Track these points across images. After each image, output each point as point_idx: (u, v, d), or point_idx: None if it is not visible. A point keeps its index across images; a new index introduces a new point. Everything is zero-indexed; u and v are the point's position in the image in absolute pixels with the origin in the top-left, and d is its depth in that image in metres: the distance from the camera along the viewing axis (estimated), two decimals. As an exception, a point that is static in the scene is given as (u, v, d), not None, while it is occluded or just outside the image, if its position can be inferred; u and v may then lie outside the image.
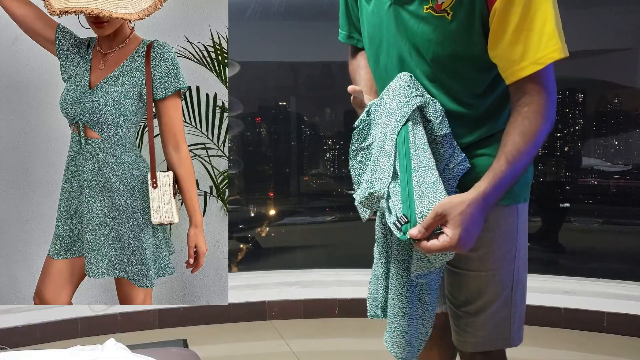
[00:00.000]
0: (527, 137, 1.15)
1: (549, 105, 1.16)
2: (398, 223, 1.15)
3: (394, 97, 1.23)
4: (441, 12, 1.18)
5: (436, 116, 1.23)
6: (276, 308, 3.40)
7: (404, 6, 1.22)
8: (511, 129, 1.16)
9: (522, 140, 1.15)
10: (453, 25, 1.17)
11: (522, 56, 1.13)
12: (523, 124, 1.15)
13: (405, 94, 1.22)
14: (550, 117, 1.16)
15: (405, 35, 1.24)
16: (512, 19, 1.12)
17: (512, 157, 1.15)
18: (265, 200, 4.44)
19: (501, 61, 1.17)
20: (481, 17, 1.16)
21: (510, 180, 1.17)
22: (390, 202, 1.18)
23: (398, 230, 1.15)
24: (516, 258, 1.33)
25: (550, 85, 1.16)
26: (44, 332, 3.08)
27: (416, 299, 1.29)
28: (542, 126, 1.15)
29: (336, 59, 4.03)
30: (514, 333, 1.36)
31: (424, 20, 1.20)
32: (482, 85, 1.25)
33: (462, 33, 1.18)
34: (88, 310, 3.13)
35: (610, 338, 3.00)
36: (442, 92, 1.26)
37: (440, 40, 1.20)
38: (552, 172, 4.06)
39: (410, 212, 1.15)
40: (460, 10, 1.16)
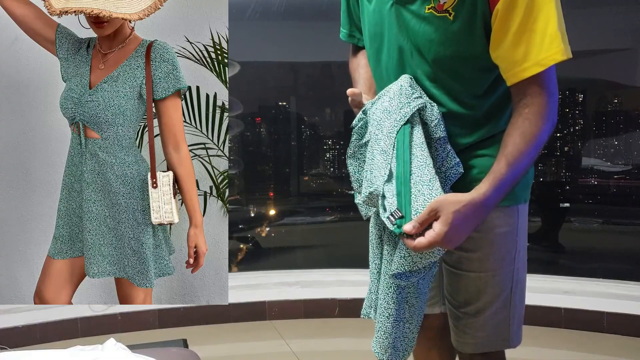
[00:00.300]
0: (528, 139, 1.14)
1: (550, 106, 1.15)
2: (392, 217, 1.15)
3: (394, 97, 1.23)
4: (443, 12, 1.18)
5: (432, 119, 1.23)
6: (276, 308, 3.40)
7: (405, 6, 1.22)
8: (512, 130, 1.16)
9: (522, 142, 1.15)
10: (455, 25, 1.17)
11: (524, 57, 1.13)
12: (524, 125, 1.15)
13: (407, 94, 1.22)
14: (552, 118, 1.16)
15: (406, 35, 1.24)
16: (514, 19, 1.11)
17: (513, 158, 1.15)
18: (265, 200, 4.44)
19: (503, 62, 1.17)
20: (483, 18, 1.15)
21: (510, 182, 1.16)
22: (386, 201, 1.18)
23: (391, 224, 1.15)
24: (516, 259, 1.33)
25: (552, 87, 1.16)
26: (44, 332, 3.08)
27: (404, 302, 1.28)
28: (542, 127, 1.15)
29: (336, 59, 4.03)
30: (513, 334, 1.36)
31: (426, 20, 1.20)
32: (483, 85, 1.25)
33: (463, 33, 1.18)
34: (88, 310, 3.13)
35: (610, 338, 3.00)
36: (443, 93, 1.26)
37: (442, 40, 1.19)
38: (552, 172, 4.06)
39: (406, 209, 1.15)
40: (462, 10, 1.16)
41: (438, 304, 1.48)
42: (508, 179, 1.16)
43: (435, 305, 1.48)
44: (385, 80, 1.32)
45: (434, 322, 1.50)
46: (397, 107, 1.22)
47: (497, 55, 1.17)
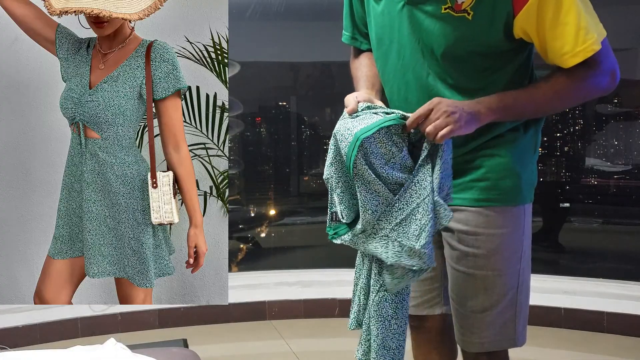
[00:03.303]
0: (557, 88, 1.21)
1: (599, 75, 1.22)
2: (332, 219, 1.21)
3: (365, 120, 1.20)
4: (461, 12, 1.17)
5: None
6: (276, 308, 3.40)
7: (418, 6, 1.21)
8: (546, 77, 1.22)
9: (550, 89, 1.21)
10: (473, 25, 1.17)
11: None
12: (559, 80, 1.21)
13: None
14: (594, 85, 1.23)
15: (419, 36, 1.23)
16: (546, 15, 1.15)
17: (531, 96, 1.21)
18: (265, 200, 4.44)
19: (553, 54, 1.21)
20: (506, 17, 1.16)
21: (518, 110, 1.22)
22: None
23: (329, 226, 1.21)
24: (522, 258, 1.33)
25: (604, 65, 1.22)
26: (44, 332, 3.08)
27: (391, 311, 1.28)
28: (577, 85, 1.21)
29: (336, 59, 4.03)
30: (519, 333, 1.37)
31: (442, 20, 1.19)
32: (497, 84, 1.25)
33: (482, 33, 1.18)
34: (88, 310, 3.13)
35: (610, 338, 3.00)
36: (455, 93, 1.25)
37: (459, 40, 1.19)
38: (552, 172, 4.06)
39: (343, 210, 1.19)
40: (481, 10, 1.16)
41: (439, 305, 1.48)
42: (518, 106, 1.21)
43: (435, 306, 1.48)
44: (393, 83, 1.31)
45: (434, 324, 1.50)
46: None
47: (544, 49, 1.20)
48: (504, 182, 1.29)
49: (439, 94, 1.24)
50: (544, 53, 1.22)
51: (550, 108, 1.28)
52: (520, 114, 1.25)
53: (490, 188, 1.29)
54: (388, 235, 1.18)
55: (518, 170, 1.30)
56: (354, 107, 1.22)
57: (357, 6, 1.44)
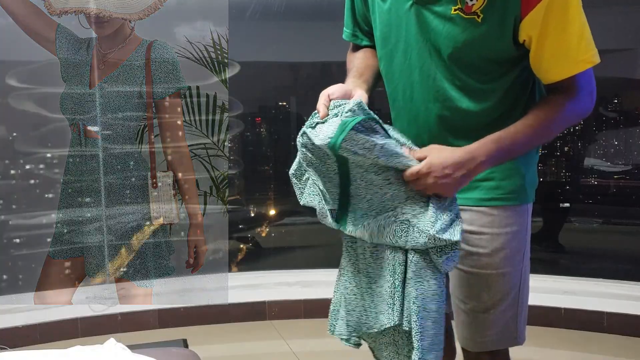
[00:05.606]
0: (542, 120, 1.19)
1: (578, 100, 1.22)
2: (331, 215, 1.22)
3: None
4: (471, 14, 1.16)
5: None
6: (276, 308, 3.40)
7: (427, 6, 1.20)
8: (533, 108, 1.20)
9: (536, 122, 1.19)
10: (483, 27, 1.16)
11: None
12: (543, 109, 1.20)
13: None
14: (574, 110, 1.23)
15: (427, 36, 1.22)
16: (550, 23, 1.14)
17: (524, 134, 1.18)
18: (265, 200, 4.44)
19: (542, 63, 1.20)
20: (514, 21, 1.15)
21: (519, 145, 1.20)
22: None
23: (331, 217, 1.21)
24: (524, 257, 1.34)
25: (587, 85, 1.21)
26: (44, 332, 3.07)
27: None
28: (560, 115, 1.20)
29: (336, 59, 4.02)
30: (520, 332, 1.37)
31: (451, 21, 1.18)
32: (503, 86, 1.25)
33: (492, 36, 1.17)
34: (88, 310, 3.13)
35: (610, 338, 3.00)
36: (462, 94, 1.25)
37: (468, 42, 1.18)
38: (552, 172, 4.06)
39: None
40: (492, 12, 1.15)
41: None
42: (515, 146, 1.19)
43: (435, 306, 1.48)
44: (398, 83, 1.31)
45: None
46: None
47: (535, 57, 1.19)
48: (508, 182, 1.29)
49: (445, 95, 1.24)
50: (538, 63, 1.20)
51: (545, 140, 1.28)
52: (518, 152, 1.24)
53: (495, 188, 1.29)
54: (410, 220, 1.17)
55: (522, 170, 1.30)
56: (324, 113, 1.17)
57: (358, 3, 1.43)
